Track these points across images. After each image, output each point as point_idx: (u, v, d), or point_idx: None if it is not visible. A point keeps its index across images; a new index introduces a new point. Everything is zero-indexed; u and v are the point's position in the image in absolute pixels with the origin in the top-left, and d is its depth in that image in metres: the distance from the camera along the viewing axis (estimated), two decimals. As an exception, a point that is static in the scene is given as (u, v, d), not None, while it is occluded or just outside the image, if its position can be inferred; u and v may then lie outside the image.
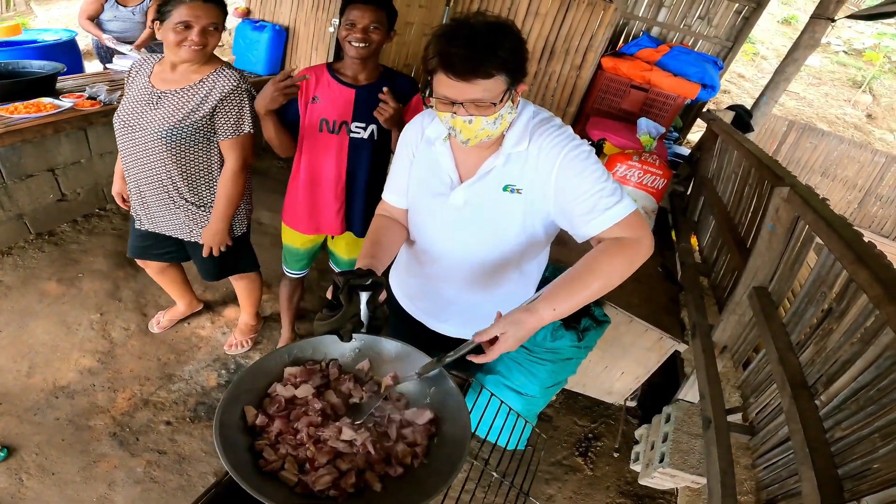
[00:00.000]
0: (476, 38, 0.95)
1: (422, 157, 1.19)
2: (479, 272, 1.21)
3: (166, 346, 2.25)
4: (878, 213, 5.03)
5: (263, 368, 0.96)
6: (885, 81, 8.26)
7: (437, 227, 1.20)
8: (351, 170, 1.80)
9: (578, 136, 1.11)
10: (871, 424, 1.11)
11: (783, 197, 1.49)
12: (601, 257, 0.99)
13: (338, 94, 1.70)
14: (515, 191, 1.09)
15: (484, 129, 1.00)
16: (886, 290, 1.00)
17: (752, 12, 3.93)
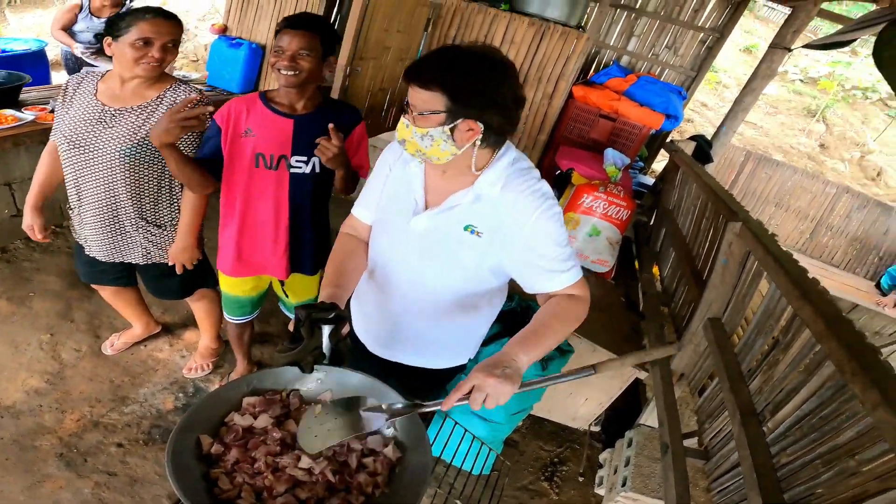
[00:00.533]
0: (441, 56, 1.00)
1: (396, 175, 1.21)
2: (431, 301, 1.22)
3: (120, 369, 2.20)
4: (829, 243, 5.25)
5: (221, 398, 0.95)
6: (837, 110, 8.59)
7: (394, 248, 1.21)
8: (294, 207, 1.66)
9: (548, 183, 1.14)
10: (814, 451, 1.17)
11: (736, 232, 1.58)
12: (563, 311, 1.07)
13: (274, 125, 1.56)
14: (476, 233, 1.10)
15: (413, 139, 1.02)
16: (828, 326, 1.08)
17: (715, 42, 4.12)
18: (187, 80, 3.72)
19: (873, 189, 7.34)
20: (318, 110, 1.61)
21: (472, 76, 0.97)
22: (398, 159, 1.21)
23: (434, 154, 1.03)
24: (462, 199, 1.10)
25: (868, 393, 0.91)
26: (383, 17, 3.13)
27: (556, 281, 1.09)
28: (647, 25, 4.25)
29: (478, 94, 0.97)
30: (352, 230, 1.30)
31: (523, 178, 1.09)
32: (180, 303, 2.36)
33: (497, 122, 1.01)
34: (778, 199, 5.21)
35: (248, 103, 1.58)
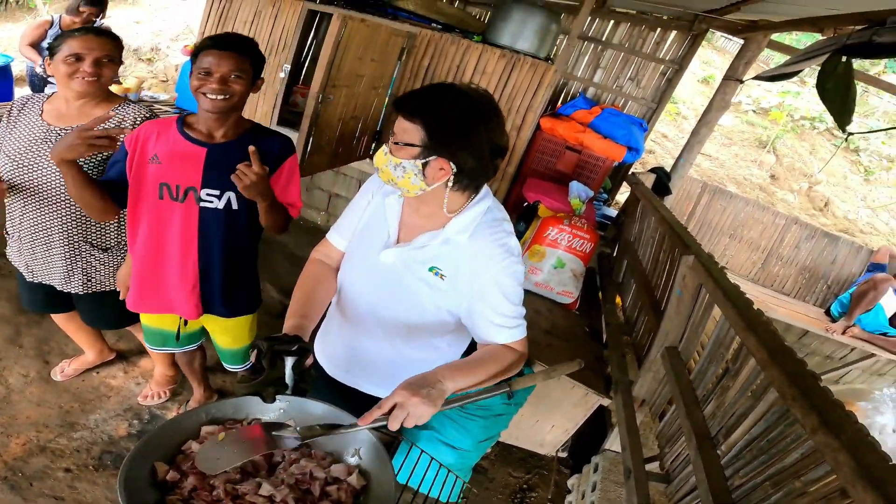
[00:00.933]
0: (430, 90, 1.04)
1: (375, 206, 1.23)
2: (390, 333, 1.24)
3: (70, 395, 2.16)
4: (780, 272, 5.50)
5: (178, 426, 0.94)
6: (787, 141, 8.88)
7: (361, 276, 1.24)
8: (205, 245, 1.51)
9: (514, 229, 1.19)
10: (764, 473, 1.24)
11: (689, 265, 1.68)
12: (501, 356, 1.13)
13: (183, 153, 1.42)
14: (440, 275, 1.13)
15: (387, 167, 1.04)
16: (770, 355, 1.16)
17: (674, 73, 4.25)
18: (155, 100, 3.72)
19: (821, 219, 7.75)
20: (239, 139, 1.46)
21: (453, 117, 1.00)
22: (380, 190, 1.23)
23: (404, 185, 1.05)
24: (431, 240, 1.12)
25: (808, 417, 0.98)
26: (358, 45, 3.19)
27: (501, 335, 1.14)
28: (613, 57, 4.37)
29: (454, 135, 1.00)
30: (324, 256, 1.30)
31: (493, 229, 1.12)
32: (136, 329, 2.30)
33: (470, 167, 1.03)
34: (732, 231, 5.44)
35: (162, 127, 1.46)
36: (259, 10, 3.80)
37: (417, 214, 1.16)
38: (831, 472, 1.00)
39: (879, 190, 8.65)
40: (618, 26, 4.27)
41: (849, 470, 0.84)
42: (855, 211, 8.06)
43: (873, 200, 8.41)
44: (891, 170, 8.98)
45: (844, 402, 0.99)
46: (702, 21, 3.95)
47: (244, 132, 1.51)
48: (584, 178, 3.73)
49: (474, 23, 4.14)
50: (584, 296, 2.80)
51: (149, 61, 6.94)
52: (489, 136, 1.03)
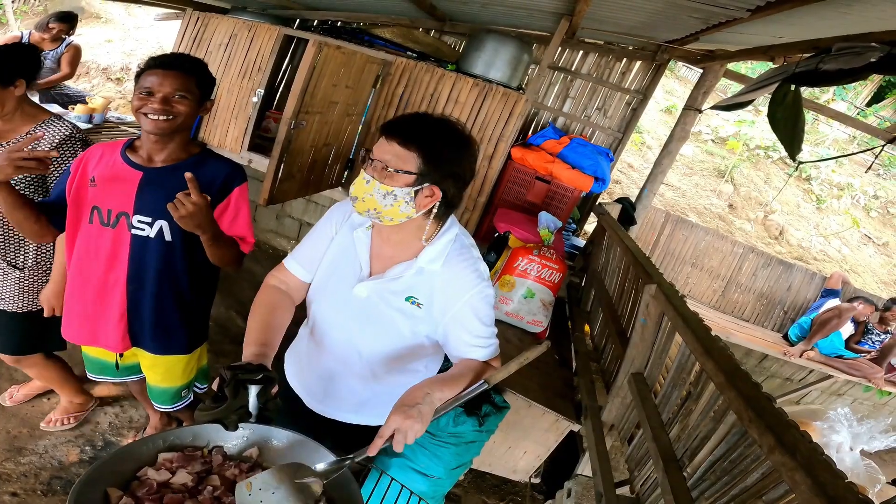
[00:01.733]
0: (423, 120, 1.07)
1: (341, 239, 1.22)
2: (367, 363, 1.25)
3: (18, 420, 2.10)
4: (739, 299, 5.71)
5: (133, 452, 0.91)
6: (743, 170, 9.18)
7: (334, 310, 1.23)
8: (135, 274, 1.44)
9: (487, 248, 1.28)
10: (728, 493, 1.28)
11: (651, 294, 1.74)
12: (479, 369, 1.17)
13: (119, 176, 1.36)
14: (416, 304, 1.16)
15: (373, 195, 1.03)
16: (727, 378, 1.21)
17: (639, 103, 4.35)
18: (122, 121, 3.67)
19: (776, 247, 8.10)
20: (180, 164, 1.39)
21: (446, 145, 1.05)
22: (345, 221, 1.23)
23: (390, 214, 1.06)
24: (405, 270, 1.15)
25: (764, 437, 1.03)
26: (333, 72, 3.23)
27: (477, 354, 1.19)
28: (581, 87, 4.46)
29: (448, 162, 1.05)
30: (280, 282, 1.27)
31: (464, 255, 1.16)
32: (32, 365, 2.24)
33: (452, 193, 1.09)
34: (694, 259, 5.64)
35: (108, 149, 1.41)
36: (235, 33, 3.82)
37: (389, 244, 1.18)
38: (790, 491, 1.04)
39: (831, 218, 9.10)
40: (586, 56, 4.40)
41: (806, 488, 0.88)
42: (808, 239, 8.46)
43: (825, 228, 8.85)
44: (841, 198, 9.45)
45: (801, 422, 1.05)
46: (664, 51, 4.12)
47: (189, 157, 1.43)
48: (553, 208, 3.80)
49: (449, 52, 4.25)
50: (553, 324, 2.85)
51: (118, 81, 6.84)
52: (471, 161, 1.10)
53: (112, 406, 2.30)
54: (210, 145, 2.04)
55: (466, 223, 3.76)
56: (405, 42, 4.04)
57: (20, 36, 3.48)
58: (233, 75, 3.81)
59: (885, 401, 5.30)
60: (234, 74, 3.81)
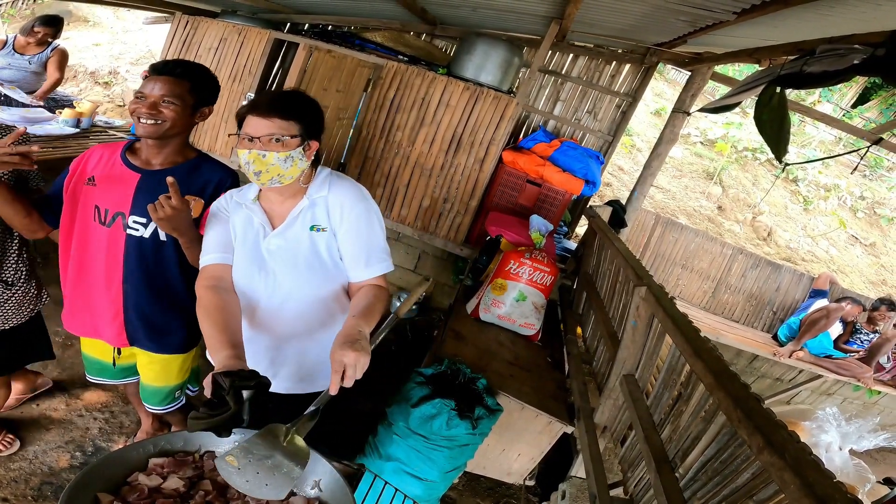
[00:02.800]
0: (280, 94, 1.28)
1: (237, 219, 1.35)
2: (298, 314, 1.35)
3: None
4: (729, 300, 5.76)
5: (123, 458, 0.91)
6: (732, 172, 9.22)
7: (254, 276, 1.32)
8: (130, 272, 1.48)
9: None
10: (719, 493, 1.29)
11: (642, 296, 1.76)
12: (380, 296, 1.32)
13: (118, 177, 1.41)
14: (321, 230, 1.32)
15: (275, 164, 1.21)
16: (716, 379, 1.23)
17: (628, 106, 4.36)
18: (109, 125, 3.64)
19: (765, 248, 8.17)
20: (176, 168, 1.44)
21: (311, 109, 1.30)
22: (230, 203, 1.37)
23: (290, 173, 1.24)
24: (300, 208, 1.30)
25: (754, 437, 1.04)
26: (323, 75, 3.23)
27: (371, 271, 1.34)
28: (572, 90, 4.47)
29: (315, 121, 1.30)
30: (211, 281, 1.29)
31: (341, 180, 1.36)
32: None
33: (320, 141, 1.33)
34: (684, 261, 5.68)
35: (108, 150, 1.47)
36: (225, 37, 3.81)
37: (279, 200, 1.33)
38: (780, 491, 1.05)
39: (818, 219, 9.21)
40: (576, 60, 4.42)
41: (795, 488, 0.89)
42: (796, 240, 8.55)
43: (812, 229, 8.95)
44: (828, 199, 9.56)
45: (790, 422, 1.06)
46: (653, 54, 4.14)
47: (185, 161, 1.48)
48: (544, 211, 3.80)
49: (440, 55, 4.25)
50: (545, 327, 2.86)
51: (106, 85, 6.78)
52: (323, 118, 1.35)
53: (102, 412, 2.29)
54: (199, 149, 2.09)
55: (458, 227, 3.77)
56: (396, 46, 4.04)
57: (5, 39, 3.44)
58: (223, 79, 3.79)
59: (874, 400, 5.36)
60: (224, 78, 3.79)
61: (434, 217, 3.77)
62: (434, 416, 1.84)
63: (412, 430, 1.87)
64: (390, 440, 1.91)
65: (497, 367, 2.35)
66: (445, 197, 3.75)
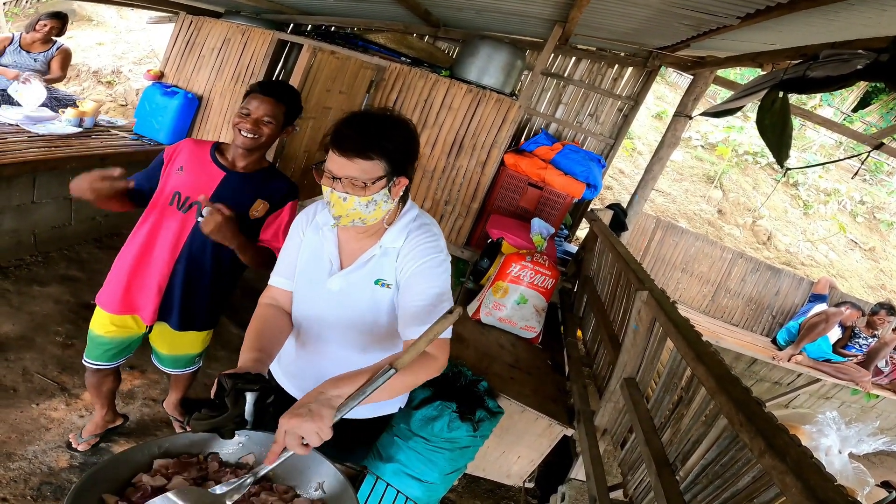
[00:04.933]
0: (368, 125, 1.09)
1: (308, 241, 1.28)
2: (353, 354, 1.28)
3: (7, 426, 2.06)
4: (728, 304, 5.76)
5: (128, 459, 0.91)
6: (732, 176, 9.24)
7: (313, 307, 1.27)
8: (187, 255, 1.66)
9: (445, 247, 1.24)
10: (720, 497, 1.29)
11: (643, 300, 1.76)
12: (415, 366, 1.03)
13: (206, 171, 1.62)
14: (385, 285, 1.21)
15: (356, 209, 1.10)
16: (718, 383, 1.23)
17: (630, 109, 4.35)
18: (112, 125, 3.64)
19: (765, 253, 8.18)
20: (255, 173, 1.66)
21: (399, 139, 1.12)
22: (309, 224, 1.29)
23: (374, 216, 1.14)
24: (372, 254, 1.21)
25: (755, 441, 1.04)
26: (326, 77, 3.23)
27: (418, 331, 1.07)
28: (574, 93, 4.47)
29: (404, 154, 1.13)
30: (271, 300, 1.30)
31: (421, 231, 1.22)
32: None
33: (411, 174, 1.17)
34: (684, 265, 5.68)
35: (197, 146, 1.67)
36: (228, 37, 3.81)
37: (355, 237, 1.24)
38: (781, 494, 1.05)
39: (818, 223, 9.22)
40: (579, 63, 4.43)
41: (797, 492, 0.89)
42: (796, 244, 8.56)
43: (812, 234, 8.96)
44: (828, 203, 9.57)
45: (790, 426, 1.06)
46: (655, 58, 4.15)
47: (262, 168, 1.69)
48: (545, 214, 3.81)
49: (443, 57, 4.26)
50: (546, 330, 2.86)
51: (109, 84, 6.79)
52: (417, 143, 1.17)
53: (102, 412, 2.28)
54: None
55: (459, 229, 3.77)
56: (399, 47, 4.05)
57: (12, 37, 3.45)
58: (226, 79, 3.80)
59: (872, 404, 5.37)
60: (227, 79, 3.80)
61: (435, 219, 3.78)
62: (435, 419, 1.84)
63: (413, 431, 1.87)
64: (391, 442, 1.91)
65: (498, 370, 2.36)
66: (447, 199, 3.76)
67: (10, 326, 2.56)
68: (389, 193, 1.13)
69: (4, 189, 2.83)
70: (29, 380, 2.31)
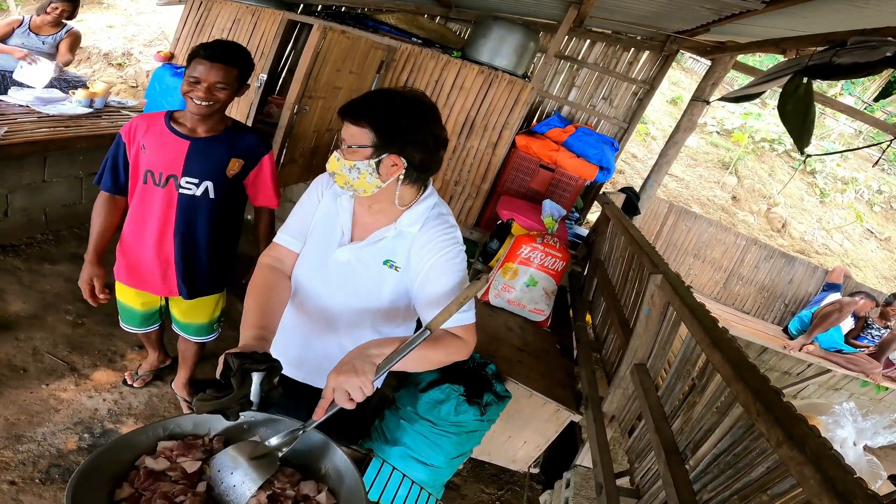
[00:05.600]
0: (374, 96, 1.11)
1: (325, 205, 1.27)
2: (345, 328, 1.27)
3: (16, 407, 2.07)
4: (741, 291, 5.68)
5: (132, 442, 0.90)
6: (748, 163, 9.09)
7: (315, 273, 1.26)
8: (181, 229, 1.69)
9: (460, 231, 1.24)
10: (731, 487, 1.27)
11: (657, 284, 1.73)
12: (442, 340, 1.11)
13: (169, 144, 1.61)
14: (394, 267, 1.20)
15: (341, 171, 1.11)
16: (735, 371, 1.20)
17: (645, 93, 4.28)
18: (123, 106, 3.62)
19: (779, 240, 8.06)
20: (220, 135, 1.66)
21: (397, 115, 1.08)
22: (328, 188, 1.27)
23: (360, 186, 1.12)
24: (385, 234, 1.19)
25: (773, 431, 1.02)
26: (337, 57, 3.19)
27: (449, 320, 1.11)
28: (588, 76, 4.39)
29: (401, 132, 1.09)
30: (274, 260, 1.29)
31: (438, 221, 1.20)
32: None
33: (419, 160, 1.12)
34: (696, 251, 5.60)
35: (150, 120, 1.64)
36: (238, 18, 3.76)
37: (370, 212, 1.22)
38: (797, 485, 1.03)
39: (834, 212, 9.06)
40: (593, 46, 4.34)
41: (815, 483, 0.87)
42: (811, 232, 8.42)
43: (828, 222, 8.80)
44: (845, 192, 9.39)
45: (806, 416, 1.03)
46: (673, 42, 4.06)
47: (225, 129, 1.69)
48: (556, 196, 3.77)
49: (454, 38, 4.19)
50: (555, 313, 2.84)
51: (119, 66, 6.77)
52: (430, 129, 1.13)
53: (111, 392, 2.29)
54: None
55: (469, 210, 3.74)
56: (410, 28, 3.98)
57: (21, 20, 3.43)
58: (235, 60, 3.77)
59: (881, 396, 5.30)
60: (236, 59, 3.77)
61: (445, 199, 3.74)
62: (442, 402, 1.83)
63: (420, 415, 1.87)
64: (397, 425, 1.91)
65: (506, 353, 2.34)
66: (457, 180, 3.72)
67: (21, 305, 2.57)
68: (377, 169, 1.10)
69: (16, 168, 2.83)
70: (39, 360, 2.32)
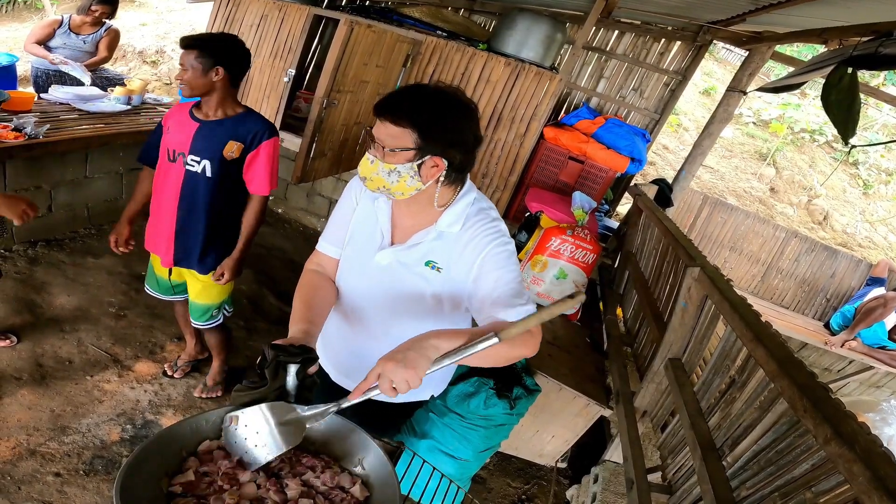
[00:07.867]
0: (412, 93, 1.06)
1: (362, 209, 1.24)
2: (393, 333, 1.23)
3: (62, 399, 2.14)
4: (779, 285, 5.50)
5: (175, 434, 0.91)
6: (787, 154, 8.79)
7: (358, 279, 1.24)
8: (184, 202, 1.89)
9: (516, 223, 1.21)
10: (772, 484, 1.23)
11: (694, 277, 1.68)
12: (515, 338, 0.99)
13: (184, 126, 1.84)
14: (437, 268, 1.16)
15: (379, 174, 1.06)
16: (780, 366, 1.16)
17: (677, 84, 4.19)
18: (158, 103, 3.72)
19: (820, 233, 7.76)
20: (227, 119, 1.84)
21: (440, 115, 1.04)
22: (362, 192, 1.24)
23: (399, 189, 1.08)
24: (425, 236, 1.15)
25: (820, 428, 0.98)
26: (363, 51, 3.20)
27: (511, 313, 1.06)
28: (616, 67, 4.32)
29: (445, 132, 1.04)
30: (317, 266, 1.29)
31: (480, 216, 1.16)
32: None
33: (459, 160, 1.08)
34: (732, 243, 5.44)
35: (182, 107, 1.88)
36: (265, 13, 3.81)
37: (408, 213, 1.18)
38: (844, 482, 0.99)
39: (878, 204, 8.67)
40: (622, 36, 4.25)
41: (864, 480, 0.83)
42: (853, 225, 8.08)
43: (871, 214, 8.43)
44: (889, 183, 8.98)
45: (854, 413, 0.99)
46: (706, 32, 3.94)
47: (235, 114, 1.86)
48: (586, 188, 3.71)
49: (479, 31, 4.15)
50: (584, 307, 2.79)
51: (153, 64, 6.95)
52: (471, 127, 1.09)
53: (151, 384, 2.36)
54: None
55: (497, 202, 3.70)
56: (434, 21, 3.96)
57: (60, 20, 3.54)
58: (265, 56, 3.82)
59: (927, 395, 5.07)
60: (265, 55, 3.81)
61: (472, 193, 3.73)
62: (472, 395, 1.83)
63: (449, 408, 1.87)
64: (426, 418, 1.91)
65: (535, 347, 2.31)
66: (484, 172, 3.70)
67: (66, 297, 2.68)
68: (418, 171, 1.05)
69: (59, 165, 2.94)
70: (84, 351, 2.40)
